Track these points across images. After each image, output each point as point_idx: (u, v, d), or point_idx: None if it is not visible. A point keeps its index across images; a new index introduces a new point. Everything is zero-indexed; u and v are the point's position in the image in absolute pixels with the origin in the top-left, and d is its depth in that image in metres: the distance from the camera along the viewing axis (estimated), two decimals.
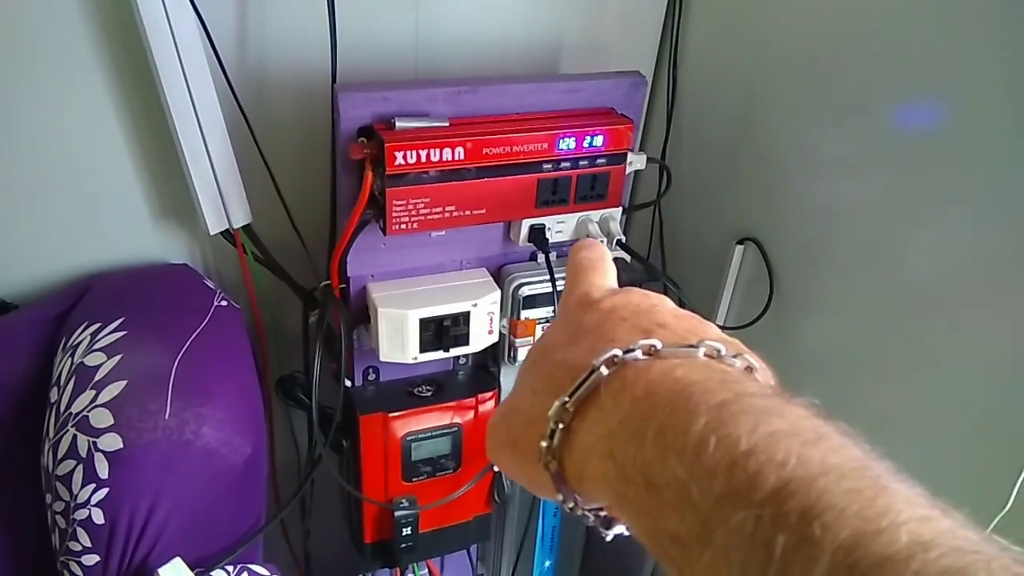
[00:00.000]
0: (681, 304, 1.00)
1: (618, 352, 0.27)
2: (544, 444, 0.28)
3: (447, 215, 0.78)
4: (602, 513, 0.29)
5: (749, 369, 0.27)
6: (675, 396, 0.25)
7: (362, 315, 0.85)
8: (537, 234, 0.85)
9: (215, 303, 0.81)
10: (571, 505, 0.29)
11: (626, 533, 0.29)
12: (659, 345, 0.27)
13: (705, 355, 0.27)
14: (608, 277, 0.36)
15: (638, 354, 0.27)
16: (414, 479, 0.93)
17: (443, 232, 0.83)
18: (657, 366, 0.27)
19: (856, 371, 0.83)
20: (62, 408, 0.69)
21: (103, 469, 0.65)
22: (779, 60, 0.87)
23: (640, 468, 0.24)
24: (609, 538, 0.29)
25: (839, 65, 0.80)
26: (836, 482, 0.21)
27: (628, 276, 0.91)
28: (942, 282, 0.73)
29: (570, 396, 0.27)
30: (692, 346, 0.27)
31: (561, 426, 0.28)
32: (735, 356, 0.27)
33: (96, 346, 0.71)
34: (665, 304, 0.32)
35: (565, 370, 0.29)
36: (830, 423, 0.24)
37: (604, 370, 0.27)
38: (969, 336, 0.71)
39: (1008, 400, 0.68)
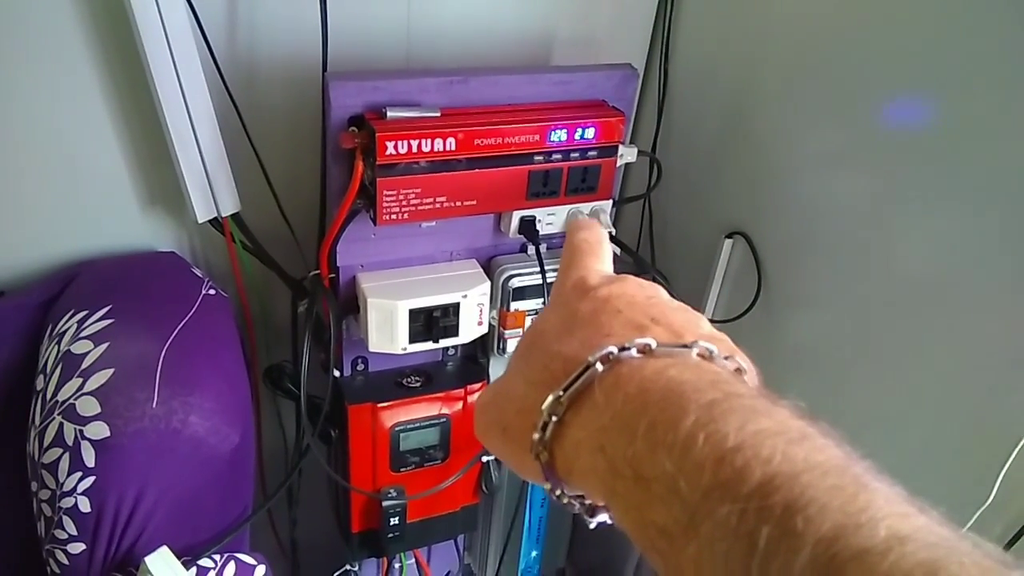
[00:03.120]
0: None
1: (613, 349, 0.28)
2: (536, 436, 0.29)
3: (438, 206, 0.78)
4: (587, 501, 0.30)
5: (739, 371, 0.28)
6: (667, 394, 0.25)
7: (351, 305, 0.85)
8: (528, 226, 0.86)
9: (203, 292, 0.80)
10: (558, 493, 0.29)
11: (609, 522, 0.29)
12: (654, 344, 0.28)
13: (698, 355, 0.27)
14: (605, 261, 0.36)
15: (633, 352, 0.28)
16: (402, 469, 0.93)
17: (433, 223, 0.83)
18: (651, 365, 0.27)
19: (842, 364, 0.84)
20: (48, 396, 0.68)
21: (89, 457, 0.65)
22: (770, 55, 0.88)
23: (630, 462, 0.25)
24: (592, 525, 0.30)
25: (829, 61, 0.80)
26: (819, 478, 0.21)
27: (618, 269, 0.91)
28: (928, 277, 0.73)
29: (564, 390, 0.28)
30: (686, 346, 0.28)
31: (554, 419, 0.28)
32: (726, 357, 0.28)
33: (83, 334, 0.71)
34: (660, 295, 0.32)
35: (560, 362, 0.30)
36: (813, 424, 0.24)
37: (599, 366, 0.28)
38: (954, 331, 0.72)
39: (992, 395, 0.69)
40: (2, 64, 0.73)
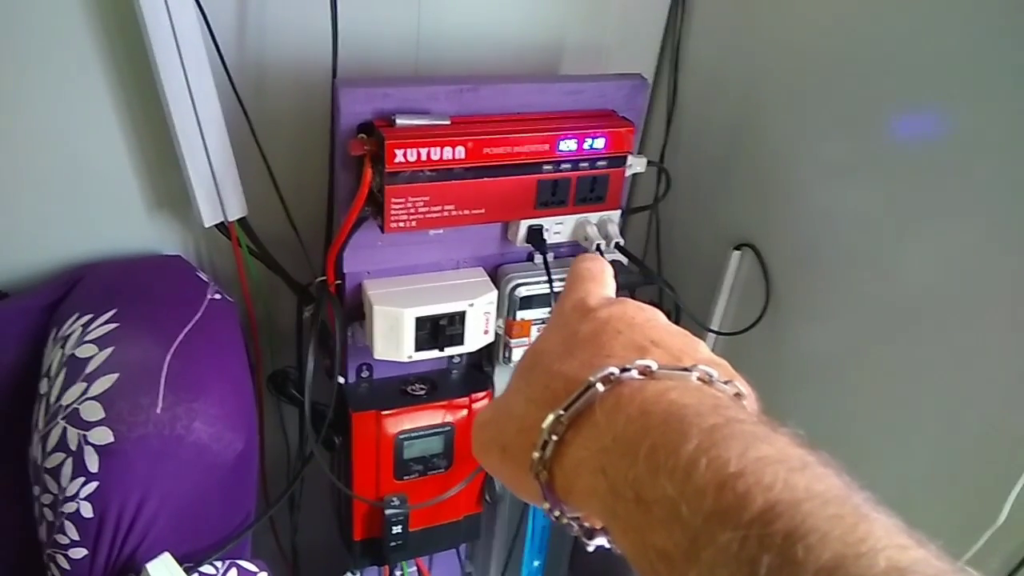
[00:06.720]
0: (677, 309, 0.99)
1: (615, 370, 0.28)
2: (536, 455, 0.29)
3: (446, 214, 0.78)
4: (585, 524, 0.30)
5: (738, 395, 0.28)
6: (668, 417, 0.26)
7: (357, 312, 0.85)
8: (535, 235, 0.85)
9: (208, 296, 0.80)
10: (556, 514, 0.29)
11: (607, 545, 0.29)
12: (654, 366, 0.28)
13: (698, 379, 0.28)
14: (607, 288, 0.36)
15: (634, 373, 0.28)
16: (405, 478, 0.93)
17: (441, 231, 0.83)
18: (652, 387, 0.27)
19: (850, 378, 0.83)
20: (52, 400, 0.68)
21: (93, 463, 0.65)
22: (779, 66, 0.87)
23: (631, 485, 0.25)
24: (591, 548, 0.30)
25: (838, 72, 0.80)
26: (820, 507, 0.21)
27: (625, 279, 0.91)
28: (937, 291, 0.73)
29: (565, 410, 0.28)
30: (686, 369, 0.28)
31: (555, 438, 0.28)
32: (726, 382, 0.28)
33: (88, 338, 0.71)
34: (659, 319, 0.33)
35: (561, 382, 0.30)
36: (813, 453, 0.24)
37: (600, 387, 0.28)
38: (964, 346, 0.71)
39: (1002, 412, 0.68)
40: (11, 66, 0.73)
